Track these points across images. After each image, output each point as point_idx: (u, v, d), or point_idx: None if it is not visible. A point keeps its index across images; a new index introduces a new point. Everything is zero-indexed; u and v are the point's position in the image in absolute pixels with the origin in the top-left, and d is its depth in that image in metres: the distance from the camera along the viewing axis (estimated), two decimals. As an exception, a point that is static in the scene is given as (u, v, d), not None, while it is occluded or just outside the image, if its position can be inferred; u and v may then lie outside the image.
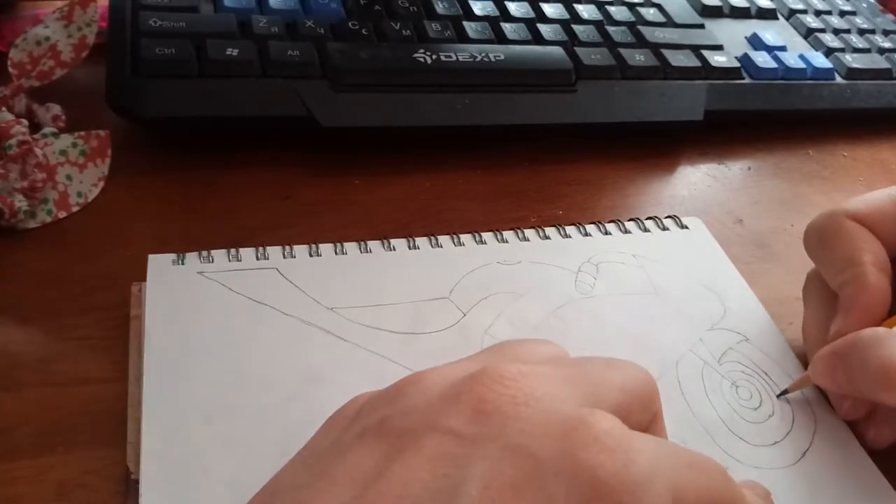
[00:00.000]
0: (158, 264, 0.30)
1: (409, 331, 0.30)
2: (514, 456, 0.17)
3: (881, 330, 0.27)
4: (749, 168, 0.45)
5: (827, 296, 0.31)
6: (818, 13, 0.54)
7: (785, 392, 0.30)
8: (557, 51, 0.43)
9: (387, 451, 0.18)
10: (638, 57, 0.44)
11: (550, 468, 0.16)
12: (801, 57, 0.48)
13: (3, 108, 0.35)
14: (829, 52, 0.50)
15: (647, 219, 0.37)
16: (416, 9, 0.43)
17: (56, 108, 0.37)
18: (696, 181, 0.43)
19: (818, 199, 0.43)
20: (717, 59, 0.46)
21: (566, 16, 0.46)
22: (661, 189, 0.42)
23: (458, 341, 0.30)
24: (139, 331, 0.28)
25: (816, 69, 0.48)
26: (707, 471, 0.18)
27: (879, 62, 0.50)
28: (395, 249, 0.33)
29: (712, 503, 0.18)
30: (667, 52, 0.45)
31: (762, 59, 0.47)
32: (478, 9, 0.44)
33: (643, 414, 0.21)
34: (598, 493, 0.16)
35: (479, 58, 0.41)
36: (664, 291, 0.33)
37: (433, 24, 0.42)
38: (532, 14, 0.45)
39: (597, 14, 0.47)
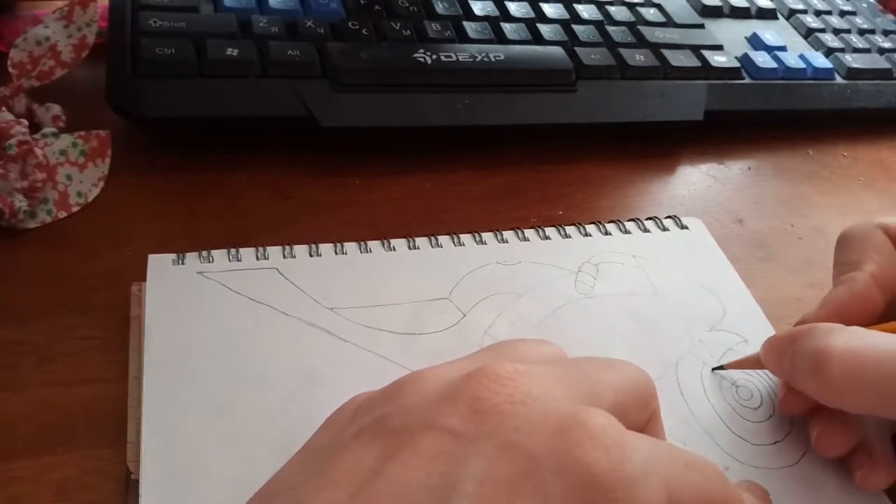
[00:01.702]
0: (158, 264, 0.30)
1: (409, 331, 0.30)
2: (509, 454, 0.17)
3: (840, 325, 0.26)
4: (749, 168, 0.45)
5: None
6: (818, 13, 0.54)
7: (721, 367, 0.30)
8: (557, 51, 0.43)
9: (384, 450, 0.18)
10: (638, 57, 0.44)
11: (546, 465, 0.16)
12: (801, 57, 0.48)
13: (3, 108, 0.35)
14: (829, 52, 0.50)
15: (647, 219, 0.37)
16: (416, 9, 0.43)
17: (56, 108, 0.37)
18: (696, 181, 0.43)
19: (818, 199, 0.43)
20: (717, 59, 0.46)
21: (566, 16, 0.46)
22: (661, 189, 0.42)
23: (458, 342, 0.30)
24: (139, 331, 0.28)
25: (816, 69, 0.48)
26: (703, 471, 0.19)
27: (879, 62, 0.50)
28: (395, 249, 0.33)
29: (708, 503, 0.18)
30: (667, 52, 0.45)
31: (762, 59, 0.47)
32: (478, 9, 0.44)
33: (641, 413, 0.21)
34: (594, 489, 0.16)
35: (479, 58, 0.41)
36: (664, 292, 0.33)
37: (433, 24, 0.42)
38: (532, 14, 0.45)
39: (597, 14, 0.47)
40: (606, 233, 0.36)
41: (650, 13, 0.49)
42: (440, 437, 0.17)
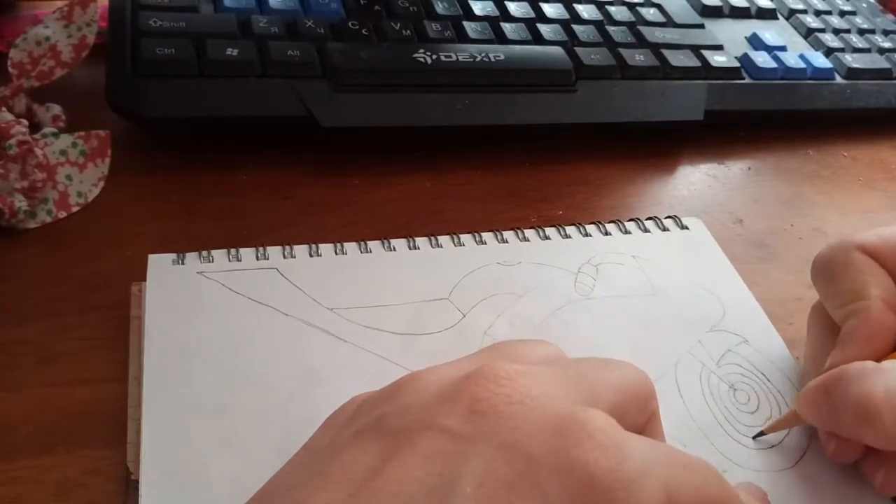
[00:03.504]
0: (158, 264, 0.30)
1: (409, 332, 0.30)
2: (508, 454, 0.17)
3: (869, 364, 0.25)
4: (749, 168, 0.45)
5: (829, 329, 0.29)
6: (818, 13, 0.54)
7: (761, 434, 0.28)
8: (557, 51, 0.43)
9: (383, 450, 0.18)
10: (638, 57, 0.44)
11: (545, 465, 0.16)
12: (801, 57, 0.48)
13: (3, 108, 0.35)
14: (829, 52, 0.50)
15: (647, 219, 0.37)
16: (416, 9, 0.43)
17: (56, 108, 0.37)
18: (696, 181, 0.43)
19: (818, 199, 0.43)
20: (717, 59, 0.46)
21: (566, 16, 0.46)
22: (661, 189, 0.42)
23: (457, 342, 0.30)
24: (139, 331, 0.28)
25: (816, 69, 0.48)
26: (701, 472, 0.18)
27: (879, 62, 0.50)
28: (395, 249, 0.33)
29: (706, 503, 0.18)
30: (667, 52, 0.45)
31: (762, 59, 0.47)
32: (478, 9, 0.44)
33: (640, 414, 0.21)
34: (593, 489, 0.16)
35: (479, 58, 0.41)
36: (664, 293, 0.33)
37: (433, 24, 0.42)
38: (532, 14, 0.45)
39: (597, 14, 0.47)
40: (606, 233, 0.36)
41: (650, 13, 0.49)
42: (439, 437, 0.17)
